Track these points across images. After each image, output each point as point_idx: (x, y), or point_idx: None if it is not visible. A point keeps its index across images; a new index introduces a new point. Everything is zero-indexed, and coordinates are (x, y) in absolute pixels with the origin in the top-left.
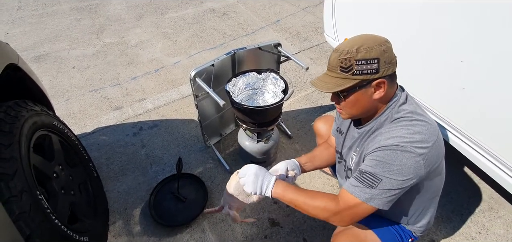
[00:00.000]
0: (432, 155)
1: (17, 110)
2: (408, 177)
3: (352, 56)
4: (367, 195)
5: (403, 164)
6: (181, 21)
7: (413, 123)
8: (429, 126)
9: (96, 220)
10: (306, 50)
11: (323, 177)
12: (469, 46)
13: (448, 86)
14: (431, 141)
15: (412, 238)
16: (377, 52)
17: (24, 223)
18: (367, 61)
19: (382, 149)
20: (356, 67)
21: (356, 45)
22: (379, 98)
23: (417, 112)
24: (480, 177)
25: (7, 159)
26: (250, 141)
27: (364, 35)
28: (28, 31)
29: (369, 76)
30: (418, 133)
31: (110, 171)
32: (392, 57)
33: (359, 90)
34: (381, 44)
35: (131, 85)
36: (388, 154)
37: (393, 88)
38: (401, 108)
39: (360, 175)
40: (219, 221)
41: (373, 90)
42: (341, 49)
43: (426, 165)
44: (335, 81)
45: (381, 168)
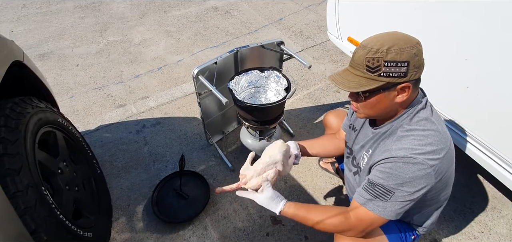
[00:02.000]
0: (443, 165)
1: (22, 107)
2: (420, 187)
3: (381, 57)
4: (379, 208)
5: (415, 176)
6: (184, 19)
7: (425, 134)
8: (441, 135)
9: (100, 216)
10: (309, 49)
11: (325, 175)
12: (474, 44)
13: (452, 85)
14: (443, 152)
15: (415, 235)
16: (408, 55)
17: (29, 217)
18: (397, 64)
19: (394, 160)
20: (384, 68)
21: (386, 45)
22: (400, 102)
23: (431, 120)
24: (483, 176)
25: (13, 154)
26: (252, 139)
27: (395, 34)
28: (32, 29)
29: (396, 80)
30: (429, 144)
31: (113, 168)
32: (422, 60)
33: (382, 93)
34: (413, 46)
35: (134, 83)
36: (400, 166)
37: (416, 92)
38: (417, 116)
39: (371, 187)
40: (221, 218)
41: (396, 94)
42: (370, 47)
43: (436, 174)
44: (359, 80)
45: (393, 180)
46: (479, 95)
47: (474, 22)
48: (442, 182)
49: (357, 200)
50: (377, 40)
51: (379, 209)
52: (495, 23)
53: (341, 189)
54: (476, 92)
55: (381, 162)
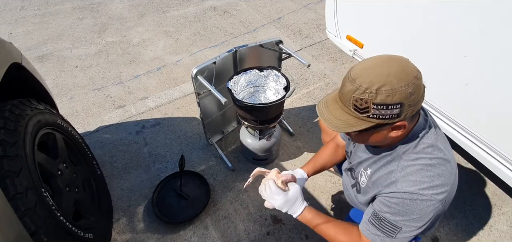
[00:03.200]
0: (450, 194)
1: (21, 109)
2: (428, 220)
3: (369, 98)
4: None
5: (423, 212)
6: (182, 19)
7: (433, 162)
8: (449, 164)
9: (100, 217)
10: (308, 48)
11: (325, 173)
12: (473, 41)
13: (451, 82)
14: (450, 182)
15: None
16: (401, 96)
17: (29, 219)
18: (388, 107)
19: (401, 196)
20: (373, 111)
21: (377, 83)
22: (396, 136)
23: (438, 146)
24: (483, 173)
25: (12, 156)
26: (252, 139)
27: (390, 66)
28: (31, 31)
29: (387, 121)
30: (437, 176)
31: (113, 169)
32: (419, 96)
33: (374, 131)
34: (408, 84)
35: (133, 84)
36: (408, 203)
37: (414, 122)
38: (422, 141)
39: (378, 221)
40: (222, 218)
41: (390, 130)
42: (358, 84)
43: (444, 205)
44: (347, 118)
45: (400, 216)
46: (478, 92)
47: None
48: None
49: (363, 233)
50: (367, 75)
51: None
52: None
53: (341, 188)
54: (476, 89)
55: (387, 194)
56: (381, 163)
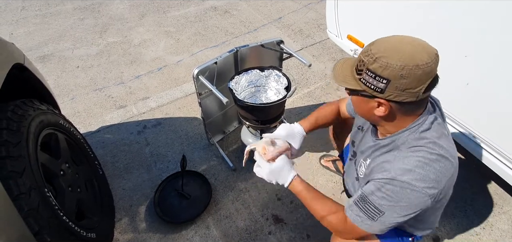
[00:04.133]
0: (444, 192)
1: (24, 109)
2: (412, 212)
3: (368, 62)
4: (366, 226)
5: (411, 203)
6: (183, 19)
7: (431, 158)
8: (448, 162)
9: (103, 217)
10: (309, 47)
11: (326, 173)
12: (473, 41)
13: (452, 82)
14: (446, 180)
15: (413, 237)
16: (391, 73)
17: (33, 219)
18: (376, 77)
19: (393, 183)
20: (365, 75)
21: (380, 52)
22: (381, 116)
23: (440, 144)
24: (484, 173)
25: (15, 157)
26: (253, 138)
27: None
28: (32, 31)
29: (371, 92)
30: (433, 171)
31: (115, 169)
32: (413, 85)
33: (361, 97)
34: (405, 67)
35: (134, 84)
36: (398, 191)
37: (409, 116)
38: (423, 135)
39: (363, 204)
40: (223, 218)
41: (375, 106)
42: (368, 48)
43: (434, 201)
44: (347, 74)
45: (387, 201)
46: (479, 92)
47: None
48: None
49: (347, 214)
50: (381, 44)
51: (366, 227)
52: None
53: (342, 187)
54: (476, 88)
55: (379, 179)
56: (379, 152)
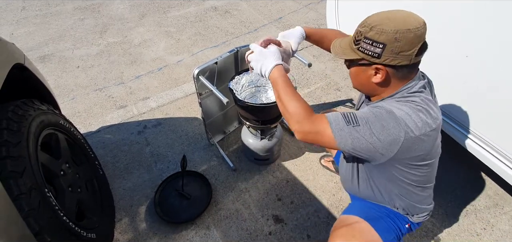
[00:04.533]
0: (414, 145)
1: (24, 109)
2: (384, 139)
3: (364, 31)
4: (336, 124)
5: (387, 129)
6: (183, 19)
7: (419, 109)
8: (432, 119)
9: (103, 217)
10: (309, 47)
11: (326, 173)
12: (474, 41)
13: (453, 82)
14: (422, 133)
15: (409, 223)
16: (386, 38)
17: (33, 219)
18: (373, 43)
19: (379, 106)
20: (363, 43)
21: (375, 22)
22: (378, 83)
23: (426, 109)
24: (485, 173)
25: (16, 157)
26: (254, 139)
27: (394, 13)
28: (32, 32)
29: (369, 58)
30: (418, 119)
31: (115, 169)
32: (406, 48)
33: (360, 67)
34: (398, 31)
35: (135, 84)
36: (379, 112)
37: (402, 81)
38: (413, 94)
39: (344, 113)
40: (223, 218)
41: (372, 73)
42: (364, 21)
43: (402, 148)
44: (345, 46)
45: (366, 116)
46: (479, 92)
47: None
48: (410, 161)
49: (326, 115)
50: (375, 16)
51: (335, 125)
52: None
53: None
54: (477, 88)
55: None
56: None
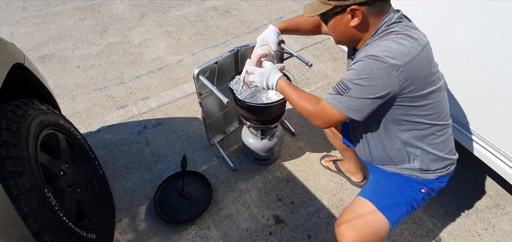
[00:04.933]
0: (408, 73)
1: (24, 109)
2: (375, 84)
3: None
4: (336, 101)
5: (373, 73)
6: (183, 19)
7: (398, 37)
8: (415, 41)
9: (103, 218)
10: (309, 47)
11: (327, 174)
12: (475, 40)
13: (454, 82)
14: (411, 56)
15: (426, 187)
16: None
17: (33, 220)
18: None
19: (359, 60)
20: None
21: None
22: (356, 26)
23: (407, 34)
24: (486, 174)
25: (15, 157)
26: (254, 138)
27: None
28: (33, 31)
29: (341, 2)
30: (398, 46)
31: (115, 169)
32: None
33: (335, 17)
34: None
35: (135, 84)
36: (361, 64)
37: (378, 17)
38: (390, 26)
39: (337, 85)
40: (224, 218)
41: (349, 18)
42: None
43: (401, 77)
44: (315, 6)
45: (351, 75)
46: (481, 91)
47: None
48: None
49: (326, 98)
50: None
51: (335, 102)
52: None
53: (343, 187)
54: (479, 88)
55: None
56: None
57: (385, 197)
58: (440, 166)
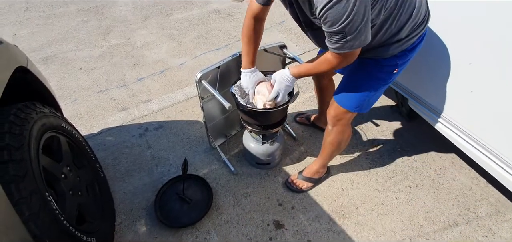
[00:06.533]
0: None
1: (26, 112)
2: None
3: None
4: (346, 46)
5: (349, 10)
6: (186, 22)
7: None
8: None
9: (103, 221)
10: (311, 51)
11: (328, 180)
12: (478, 48)
13: (456, 89)
14: None
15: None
16: None
17: (34, 224)
18: None
19: (323, 10)
20: None
21: None
22: None
23: None
24: (487, 180)
25: (18, 160)
26: (255, 143)
27: None
28: (35, 33)
29: None
30: None
31: (116, 172)
32: None
33: None
34: None
35: (137, 87)
36: (331, 12)
37: None
38: None
39: (330, 37)
40: (224, 223)
41: None
42: None
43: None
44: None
45: (336, 25)
46: (483, 99)
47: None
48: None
49: (330, 50)
50: None
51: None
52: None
53: (344, 193)
54: (480, 95)
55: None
56: None
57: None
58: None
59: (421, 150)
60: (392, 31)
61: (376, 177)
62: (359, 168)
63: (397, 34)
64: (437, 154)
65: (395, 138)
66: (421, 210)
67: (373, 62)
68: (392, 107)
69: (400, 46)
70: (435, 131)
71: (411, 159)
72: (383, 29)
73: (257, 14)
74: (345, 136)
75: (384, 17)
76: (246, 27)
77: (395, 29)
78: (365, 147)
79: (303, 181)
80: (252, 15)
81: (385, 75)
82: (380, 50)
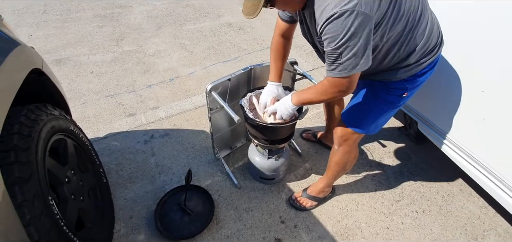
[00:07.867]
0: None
1: (37, 114)
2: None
3: None
4: (340, 69)
5: (347, 28)
6: (198, 33)
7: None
8: None
9: (102, 228)
10: (320, 68)
11: (332, 200)
12: (491, 76)
13: (468, 115)
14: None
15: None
16: None
17: (34, 228)
18: None
19: (323, 25)
20: None
21: None
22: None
23: None
24: (495, 210)
25: (24, 162)
26: (261, 157)
27: None
28: (51, 35)
29: None
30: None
31: (119, 177)
32: None
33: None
34: None
35: (145, 93)
36: (330, 28)
37: None
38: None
39: (327, 57)
40: (224, 238)
41: None
42: None
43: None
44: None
45: (333, 43)
46: (494, 127)
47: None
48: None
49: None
50: None
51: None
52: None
53: (348, 214)
54: (492, 123)
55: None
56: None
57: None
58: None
59: (429, 174)
60: (400, 56)
61: (382, 199)
62: (365, 189)
63: (406, 59)
64: (445, 180)
65: (402, 160)
66: (428, 237)
67: (381, 84)
68: (400, 129)
69: (409, 71)
70: (443, 156)
71: (418, 183)
72: (391, 53)
73: (284, 32)
74: (351, 157)
75: (391, 42)
76: (274, 43)
77: (404, 54)
78: (372, 168)
79: (307, 199)
80: (279, 32)
81: (394, 98)
82: (387, 74)
